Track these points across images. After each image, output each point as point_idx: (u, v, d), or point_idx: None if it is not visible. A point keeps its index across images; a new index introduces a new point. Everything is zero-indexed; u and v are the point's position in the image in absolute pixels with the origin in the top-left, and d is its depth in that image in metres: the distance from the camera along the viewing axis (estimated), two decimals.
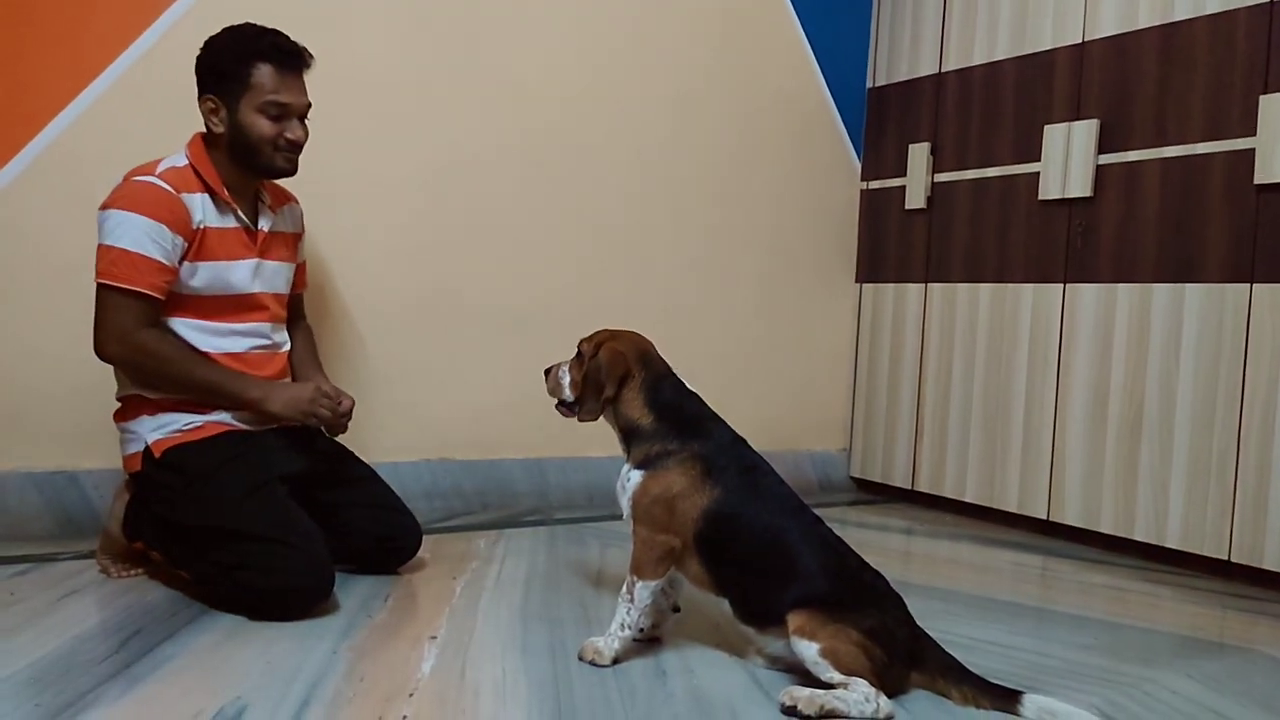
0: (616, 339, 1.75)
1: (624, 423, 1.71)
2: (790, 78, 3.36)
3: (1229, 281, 2.45)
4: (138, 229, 1.84)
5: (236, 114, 1.94)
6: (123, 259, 1.84)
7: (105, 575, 2.02)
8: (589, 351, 1.75)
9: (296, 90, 1.98)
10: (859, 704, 1.43)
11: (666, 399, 1.70)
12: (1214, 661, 1.84)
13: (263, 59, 1.93)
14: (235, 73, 1.93)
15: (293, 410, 1.97)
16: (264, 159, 1.97)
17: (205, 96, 1.96)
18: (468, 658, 1.65)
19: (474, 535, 2.55)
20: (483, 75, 2.81)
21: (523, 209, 2.91)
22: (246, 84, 1.92)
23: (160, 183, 1.89)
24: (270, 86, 1.93)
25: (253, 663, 1.57)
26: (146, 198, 1.87)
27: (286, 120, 1.96)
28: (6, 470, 2.29)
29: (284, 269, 2.12)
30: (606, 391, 1.69)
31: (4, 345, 2.28)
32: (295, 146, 2.00)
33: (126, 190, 1.89)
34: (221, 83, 1.94)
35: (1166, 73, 2.60)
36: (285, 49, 1.96)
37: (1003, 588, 2.32)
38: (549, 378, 1.81)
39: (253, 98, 1.93)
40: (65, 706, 1.37)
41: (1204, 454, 2.48)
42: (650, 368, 1.73)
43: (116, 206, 1.87)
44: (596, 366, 1.71)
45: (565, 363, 1.80)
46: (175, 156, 1.97)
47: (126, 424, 1.97)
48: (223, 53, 1.94)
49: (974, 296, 3.09)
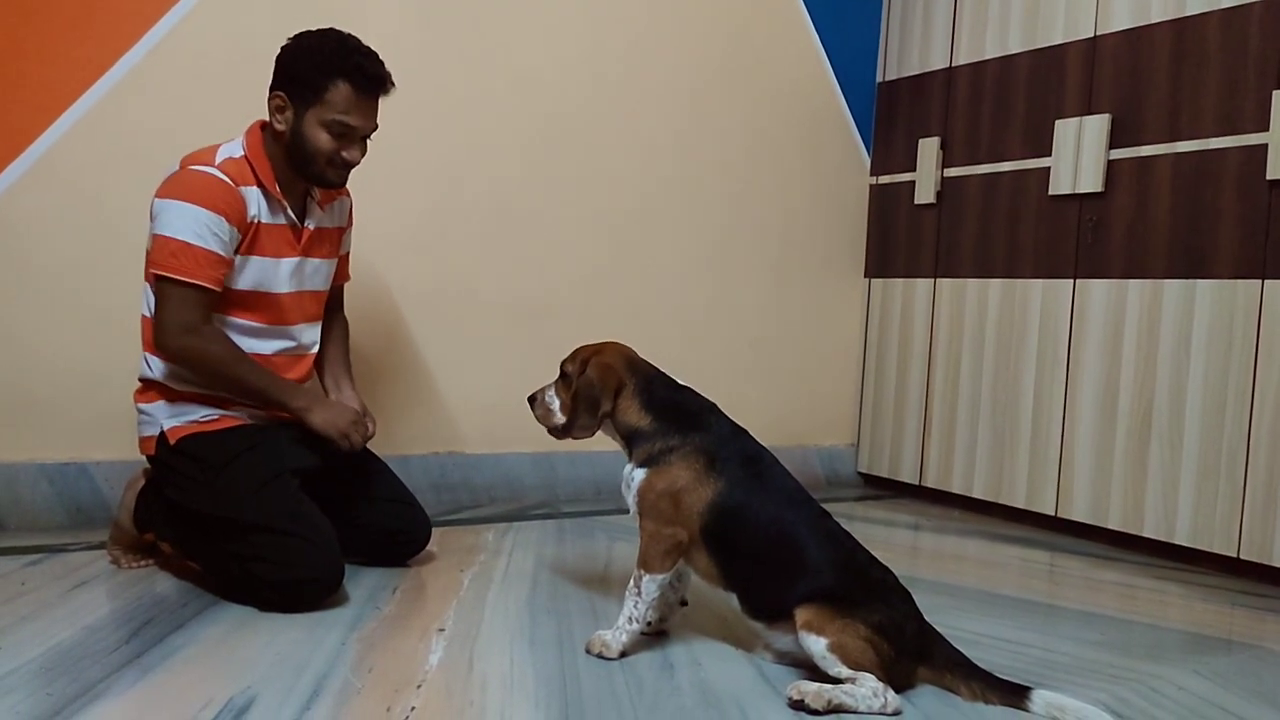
0: (601, 353, 1.74)
1: (624, 430, 1.71)
2: (800, 72, 3.35)
3: (1240, 278, 2.44)
4: (198, 221, 1.81)
5: (301, 121, 1.90)
6: (184, 251, 1.81)
7: (115, 566, 2.04)
8: (575, 370, 1.73)
9: (367, 114, 1.93)
10: (867, 699, 1.43)
11: (662, 398, 1.70)
12: (1222, 658, 1.83)
13: (344, 77, 1.87)
14: (312, 82, 1.87)
15: (330, 429, 1.96)
16: (316, 170, 1.94)
17: (276, 93, 1.91)
18: (475, 650, 1.65)
19: (482, 528, 2.56)
20: (494, 69, 2.81)
21: (534, 204, 2.91)
22: (320, 97, 1.87)
23: (219, 174, 1.85)
24: (342, 106, 1.88)
25: (262, 653, 1.58)
26: (206, 189, 1.83)
27: (348, 139, 1.93)
28: (19, 462, 2.31)
29: (325, 265, 2.10)
30: (604, 407, 1.68)
31: (15, 339, 2.29)
32: (350, 165, 1.97)
33: (186, 180, 1.85)
34: (295, 86, 1.89)
35: (1179, 67, 2.58)
36: (369, 73, 1.89)
37: (1010, 583, 2.32)
38: (536, 405, 1.79)
39: (322, 111, 1.88)
40: (76, 695, 1.38)
41: (1214, 450, 2.47)
42: (639, 372, 1.73)
43: (176, 197, 1.83)
44: (588, 382, 1.70)
45: (549, 387, 1.78)
46: (232, 145, 1.93)
47: (144, 406, 1.96)
48: (306, 58, 1.88)
49: (983, 292, 3.08)
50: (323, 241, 2.08)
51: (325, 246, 2.09)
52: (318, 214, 2.05)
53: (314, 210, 2.04)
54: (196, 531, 1.91)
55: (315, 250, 2.06)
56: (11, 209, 2.27)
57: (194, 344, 1.85)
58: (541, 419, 1.79)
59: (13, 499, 2.29)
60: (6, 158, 2.26)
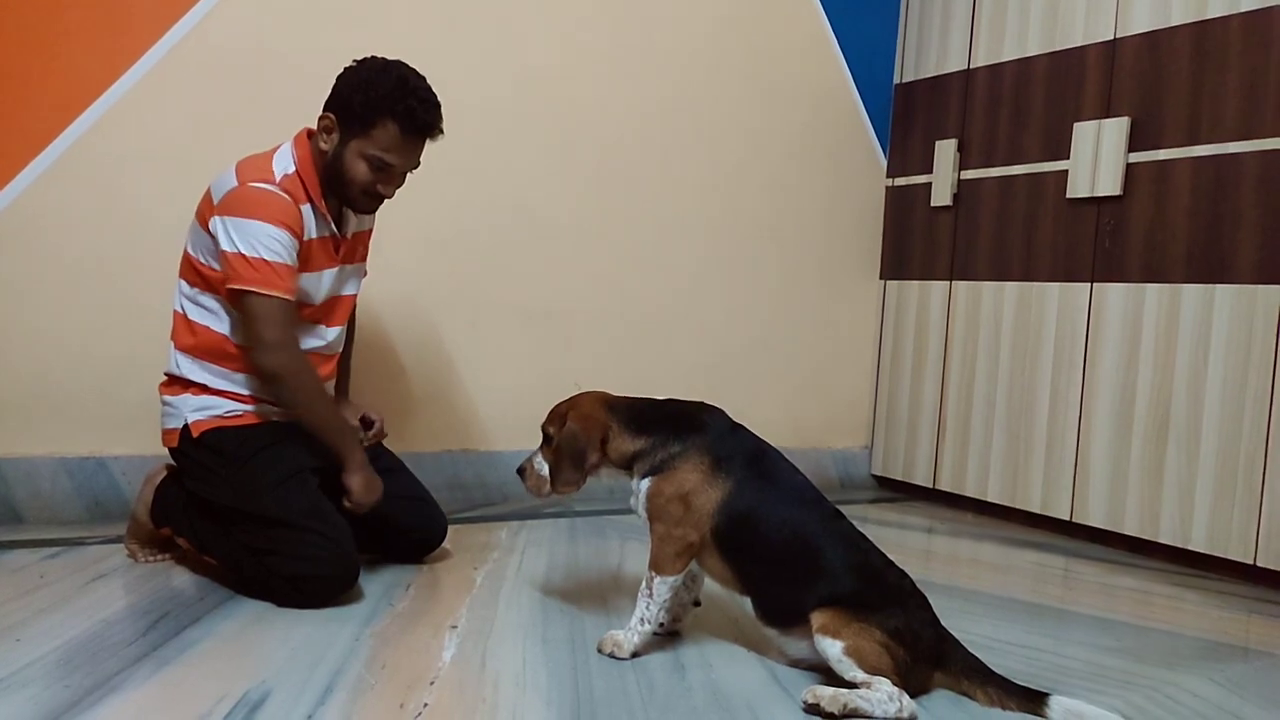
0: (576, 405, 1.72)
1: (622, 461, 1.69)
2: (817, 73, 3.34)
3: (1260, 283, 2.42)
4: (272, 238, 1.83)
5: (345, 147, 1.90)
6: (264, 267, 1.82)
7: (132, 560, 2.06)
8: (556, 429, 1.71)
9: (411, 154, 1.94)
10: (882, 703, 1.43)
11: (650, 418, 1.69)
12: (1238, 665, 1.82)
13: (394, 118, 1.87)
14: (362, 116, 1.87)
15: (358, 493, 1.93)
16: (349, 195, 1.95)
17: (326, 114, 1.91)
18: (488, 647, 1.66)
19: (495, 526, 2.57)
20: (510, 70, 2.82)
21: (549, 203, 2.92)
22: (367, 131, 1.88)
23: (281, 193, 1.86)
24: (386, 145, 1.88)
25: (277, 648, 1.59)
26: (274, 207, 1.84)
27: (386, 175, 1.93)
28: (38, 455, 2.33)
29: (359, 269, 2.13)
30: (590, 459, 1.67)
31: (36, 334, 2.32)
32: (383, 198, 1.98)
33: (255, 199, 1.84)
34: (346, 113, 1.89)
35: (1199, 70, 2.56)
36: (420, 120, 1.89)
37: (1024, 588, 2.30)
38: (527, 476, 1.77)
39: (365, 145, 1.88)
40: (94, 688, 1.39)
41: (1231, 457, 2.46)
42: (619, 410, 1.71)
43: (249, 215, 1.83)
44: (570, 435, 1.67)
45: (534, 455, 1.77)
46: (284, 158, 1.92)
47: (170, 398, 1.98)
48: (362, 90, 1.87)
49: (999, 295, 3.07)
50: (356, 246, 2.11)
51: (359, 250, 2.12)
52: (352, 221, 2.07)
53: (349, 217, 2.05)
54: (214, 525, 1.93)
55: (351, 257, 2.08)
56: (33, 205, 2.29)
57: (288, 365, 1.86)
58: (534, 489, 1.76)
59: (32, 492, 2.32)
60: (28, 155, 2.29)
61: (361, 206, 1.99)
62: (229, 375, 1.96)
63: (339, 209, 2.02)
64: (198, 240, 1.93)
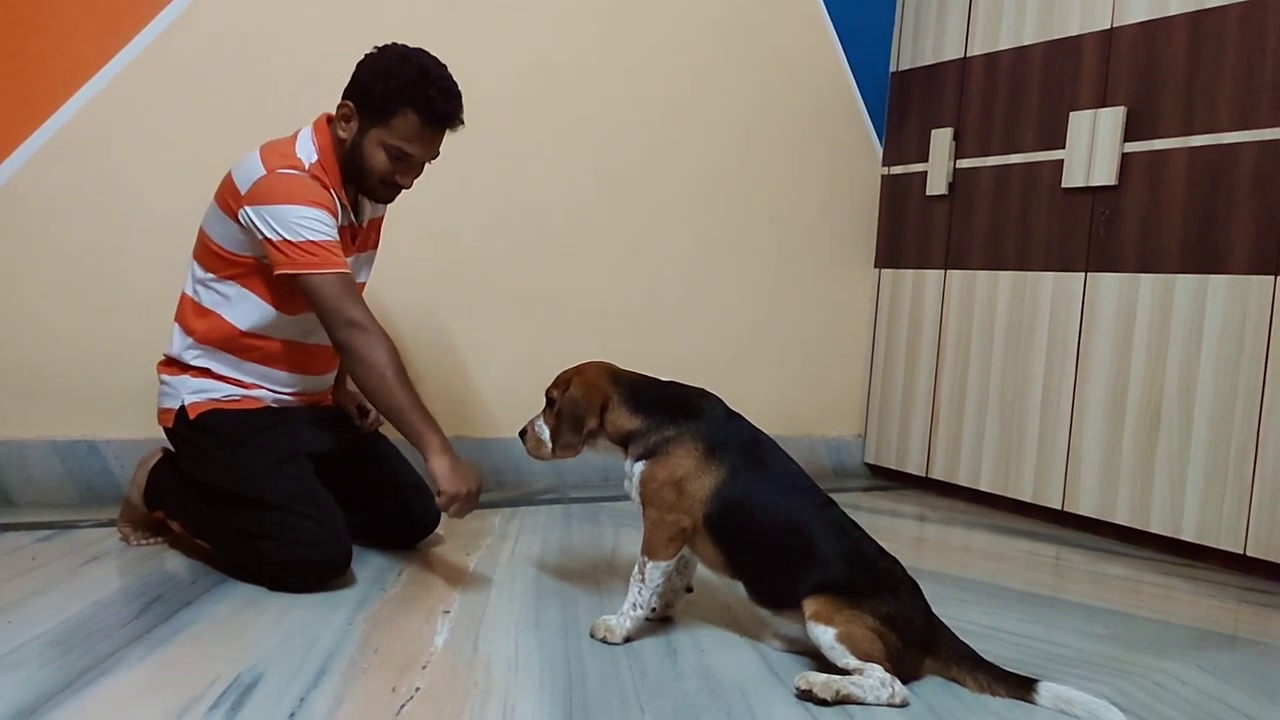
0: (582, 372, 1.74)
1: (617, 437, 1.70)
2: (813, 60, 3.34)
3: (1254, 274, 2.42)
4: (312, 218, 1.80)
5: (364, 136, 1.88)
6: (316, 249, 1.79)
7: (125, 543, 2.05)
8: (559, 393, 1.73)
9: (430, 145, 1.91)
10: (874, 689, 1.44)
11: (650, 397, 1.70)
12: (1227, 653, 1.83)
13: (414, 108, 1.85)
14: (382, 105, 1.85)
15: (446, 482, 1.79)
16: (368, 184, 1.93)
17: (346, 101, 1.89)
18: (480, 632, 1.66)
19: (489, 512, 2.57)
20: (510, 62, 2.81)
21: (546, 192, 2.91)
22: (387, 121, 1.86)
23: (313, 180, 1.84)
24: (406, 135, 1.86)
25: (270, 631, 1.59)
26: (311, 191, 1.83)
27: (405, 165, 1.91)
28: (31, 439, 2.32)
29: (371, 256, 2.12)
30: (589, 424, 1.68)
31: (28, 317, 2.31)
32: (401, 188, 1.96)
33: (291, 184, 1.82)
34: (365, 101, 1.86)
35: (1196, 61, 2.56)
36: (440, 111, 1.87)
37: (1016, 576, 2.32)
38: (527, 438, 1.78)
39: (385, 134, 1.86)
40: (87, 669, 1.39)
41: (1223, 447, 2.47)
42: (622, 382, 1.72)
43: (285, 201, 1.80)
44: (571, 400, 1.69)
45: (536, 418, 1.78)
46: (305, 145, 1.89)
47: (168, 377, 1.97)
48: (383, 79, 1.84)
49: (994, 284, 3.07)
50: (370, 233, 2.09)
51: (372, 235, 2.11)
52: (367, 209, 2.05)
53: (364, 204, 2.03)
54: (207, 508, 1.92)
55: (365, 244, 2.07)
56: (24, 188, 2.28)
57: (360, 341, 1.80)
58: (533, 450, 1.77)
59: (24, 476, 2.31)
60: (19, 137, 2.27)
61: (380, 196, 1.97)
62: (238, 364, 1.94)
63: (355, 197, 2.00)
64: (218, 225, 1.89)
